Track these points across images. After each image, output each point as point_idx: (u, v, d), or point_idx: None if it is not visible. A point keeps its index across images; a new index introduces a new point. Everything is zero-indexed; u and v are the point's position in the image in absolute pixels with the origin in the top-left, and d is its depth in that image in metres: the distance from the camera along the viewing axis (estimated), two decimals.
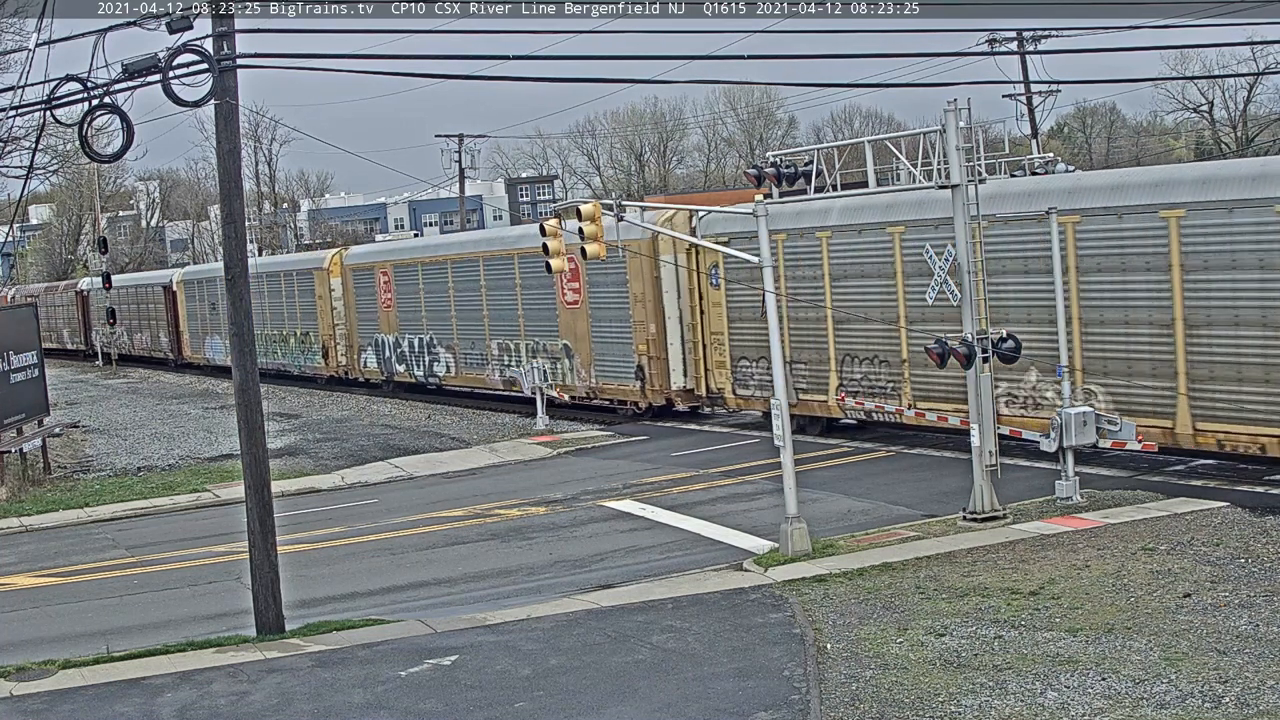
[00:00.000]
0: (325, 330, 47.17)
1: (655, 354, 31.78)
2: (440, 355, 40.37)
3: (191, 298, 60.21)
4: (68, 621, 18.84)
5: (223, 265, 17.72)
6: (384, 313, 43.41)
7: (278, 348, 51.03)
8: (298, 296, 49.21)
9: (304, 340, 49.03)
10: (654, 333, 31.67)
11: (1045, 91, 54.94)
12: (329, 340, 47.02)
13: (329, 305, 46.65)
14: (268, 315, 50.86)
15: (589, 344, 33.81)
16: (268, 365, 48.96)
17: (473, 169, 77.94)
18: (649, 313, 31.70)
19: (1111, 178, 23.72)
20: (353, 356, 45.89)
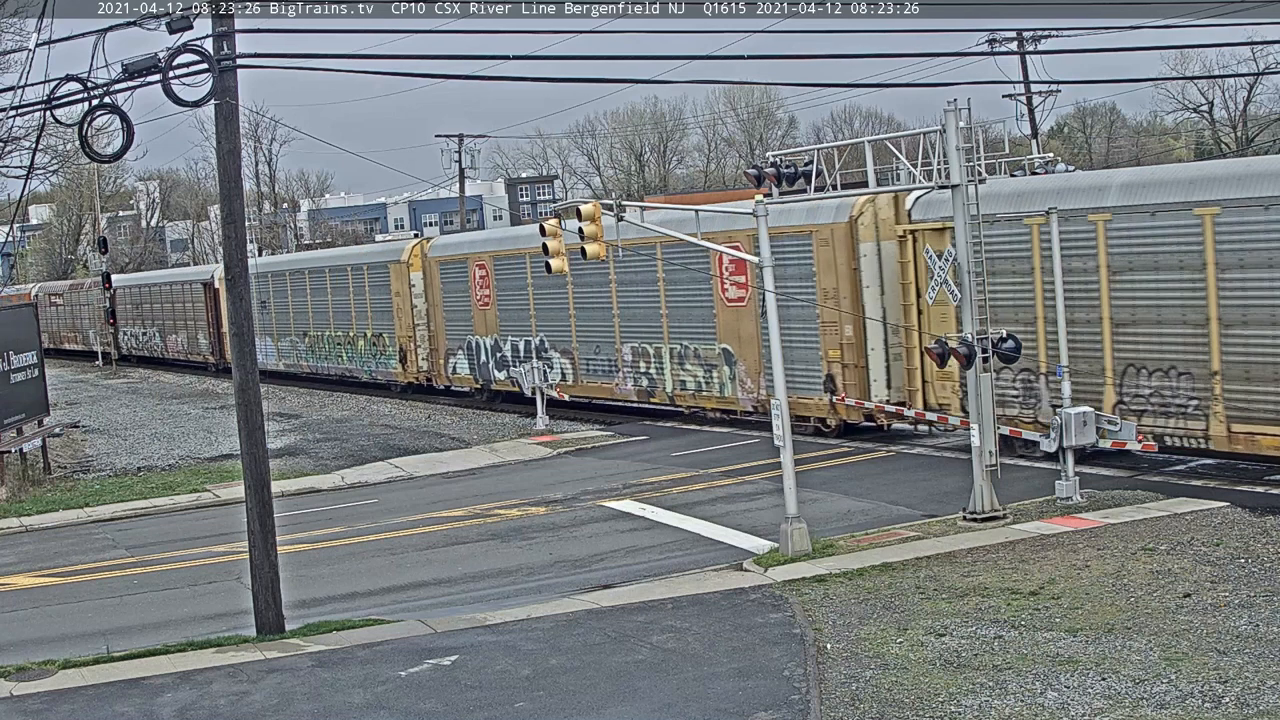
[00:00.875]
0: (403, 331, 41.98)
1: (852, 361, 26.90)
2: (554, 361, 35.47)
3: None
4: (68, 621, 18.84)
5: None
6: (479, 312, 38.41)
7: (342, 351, 46.25)
8: (369, 293, 43.83)
9: (376, 342, 43.85)
10: (850, 336, 26.88)
11: (1045, 91, 54.98)
12: (407, 342, 41.83)
13: (407, 303, 41.55)
14: (331, 314, 46.54)
15: (758, 349, 28.51)
16: (329, 370, 47.20)
17: (473, 169, 77.92)
18: (843, 312, 26.98)
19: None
20: (437, 361, 40.75)
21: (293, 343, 49.88)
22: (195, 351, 60.36)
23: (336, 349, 46.55)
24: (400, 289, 41.80)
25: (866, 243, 26.66)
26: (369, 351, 44.36)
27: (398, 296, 41.97)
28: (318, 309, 47.73)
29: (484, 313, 38.23)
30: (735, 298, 29.51)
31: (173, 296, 62.62)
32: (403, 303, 41.84)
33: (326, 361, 47.20)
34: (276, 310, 50.96)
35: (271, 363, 50.43)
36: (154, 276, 70.76)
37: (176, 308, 62.03)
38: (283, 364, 50.54)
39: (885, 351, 26.76)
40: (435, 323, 40.81)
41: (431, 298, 40.94)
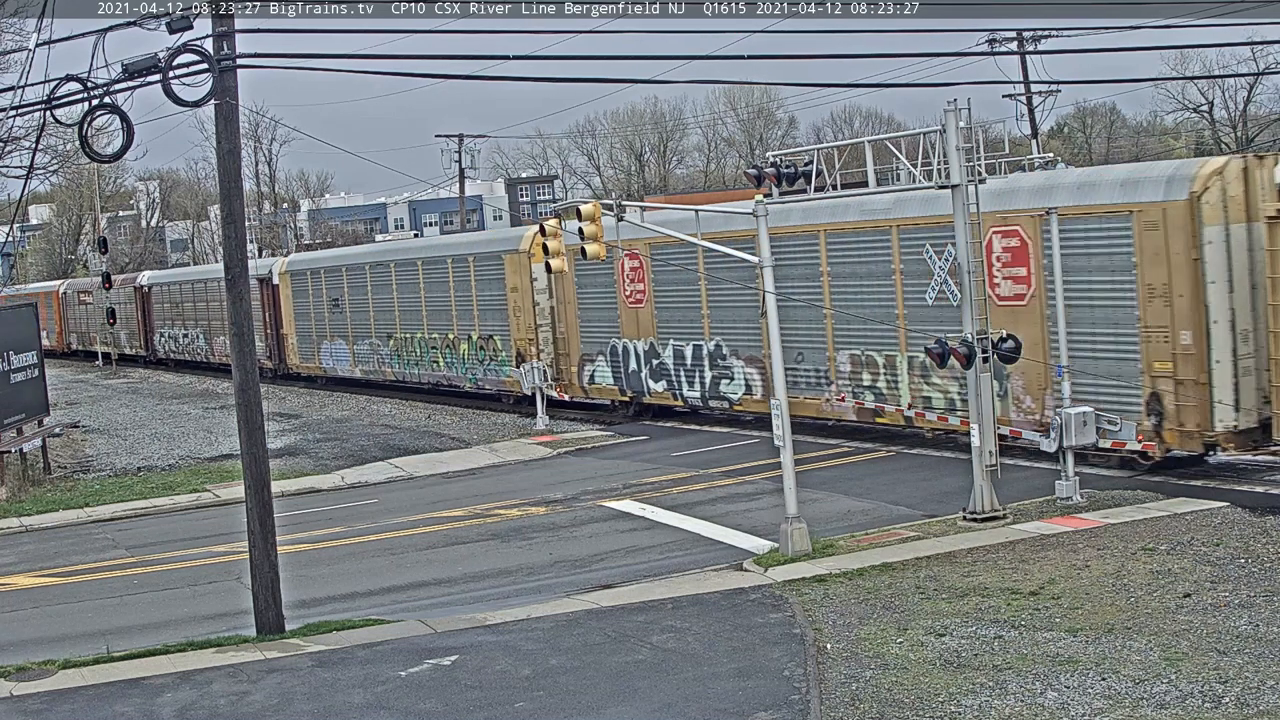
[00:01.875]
0: (521, 333, 36.11)
1: (1188, 375, 21.00)
2: (735, 370, 29.64)
3: (301, 293, 48.86)
4: (68, 621, 18.84)
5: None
6: (629, 310, 32.58)
7: (439, 356, 40.23)
8: (475, 289, 37.83)
9: (484, 346, 37.89)
10: (1187, 344, 20.99)
11: (1045, 91, 55.00)
12: (527, 346, 35.85)
13: (528, 300, 35.72)
14: (424, 313, 40.83)
15: (1044, 358, 22.93)
16: (421, 377, 41.54)
17: (473, 169, 77.93)
18: (1177, 314, 21.09)
19: None
20: (569, 369, 34.93)
21: (373, 346, 44.17)
22: None
23: (431, 353, 40.68)
24: (518, 284, 35.97)
25: (1212, 226, 20.79)
26: (474, 357, 38.39)
27: (514, 293, 36.23)
28: (408, 307, 41.92)
29: (636, 312, 32.39)
30: (1011, 295, 23.46)
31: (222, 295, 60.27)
32: (521, 300, 36.03)
33: (418, 368, 41.49)
34: (353, 309, 45.32)
35: (345, 368, 46.03)
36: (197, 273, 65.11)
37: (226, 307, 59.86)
38: (359, 370, 45.36)
39: (1233, 364, 20.82)
40: (567, 323, 34.93)
41: (562, 294, 35.00)
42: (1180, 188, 21.01)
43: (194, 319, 59.43)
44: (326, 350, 47.32)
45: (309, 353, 48.61)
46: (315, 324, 47.77)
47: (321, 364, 47.70)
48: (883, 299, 25.86)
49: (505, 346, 36.94)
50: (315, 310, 47.71)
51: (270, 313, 51.23)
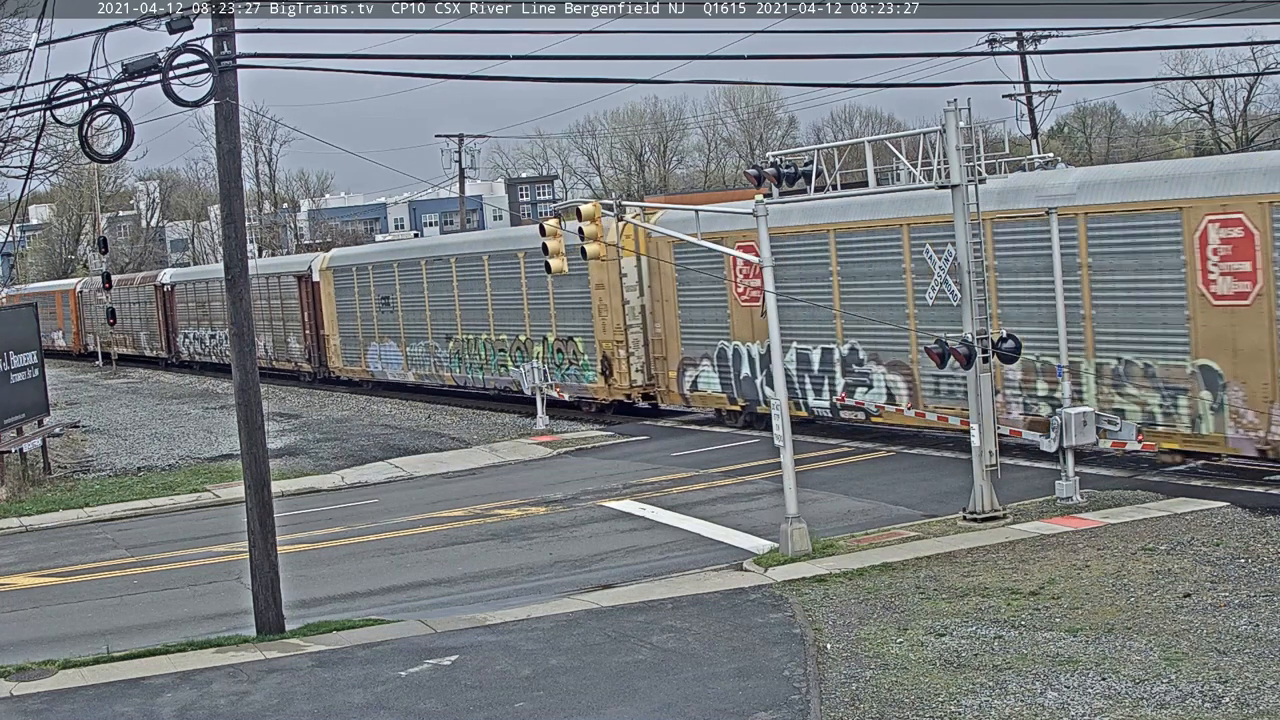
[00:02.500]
0: (607, 334, 32.93)
1: None
2: (874, 376, 26.33)
3: (345, 290, 45.17)
4: (68, 621, 18.84)
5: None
6: (742, 310, 29.28)
7: (507, 359, 36.95)
8: (553, 286, 34.49)
9: (563, 349, 34.63)
10: None
11: (1045, 91, 54.98)
12: (613, 349, 32.70)
13: (615, 298, 32.59)
14: (490, 312, 37.61)
15: (1273, 367, 19.85)
16: (485, 383, 38.30)
17: (473, 169, 77.96)
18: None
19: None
20: (667, 374, 31.62)
21: (429, 349, 40.86)
22: (284, 358, 50.43)
23: (499, 357, 37.26)
24: (605, 280, 32.52)
25: None
26: (551, 360, 35.04)
27: (600, 290, 32.87)
28: (471, 305, 38.51)
29: (750, 312, 28.73)
30: (1229, 293, 20.34)
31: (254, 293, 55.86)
32: (608, 298, 32.70)
33: (482, 372, 38.12)
34: (406, 308, 41.79)
35: (396, 373, 42.55)
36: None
37: (258, 306, 51.10)
38: (413, 374, 41.91)
39: None
40: (664, 324, 31.66)
41: (658, 291, 31.76)
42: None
43: (222, 319, 53.52)
44: (375, 352, 43.85)
45: (354, 355, 45.18)
46: (362, 324, 44.23)
47: (369, 367, 44.38)
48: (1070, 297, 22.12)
49: (588, 349, 33.68)
50: (362, 309, 44.16)
51: (310, 312, 47.70)
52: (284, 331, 50.05)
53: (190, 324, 59.50)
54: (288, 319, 49.82)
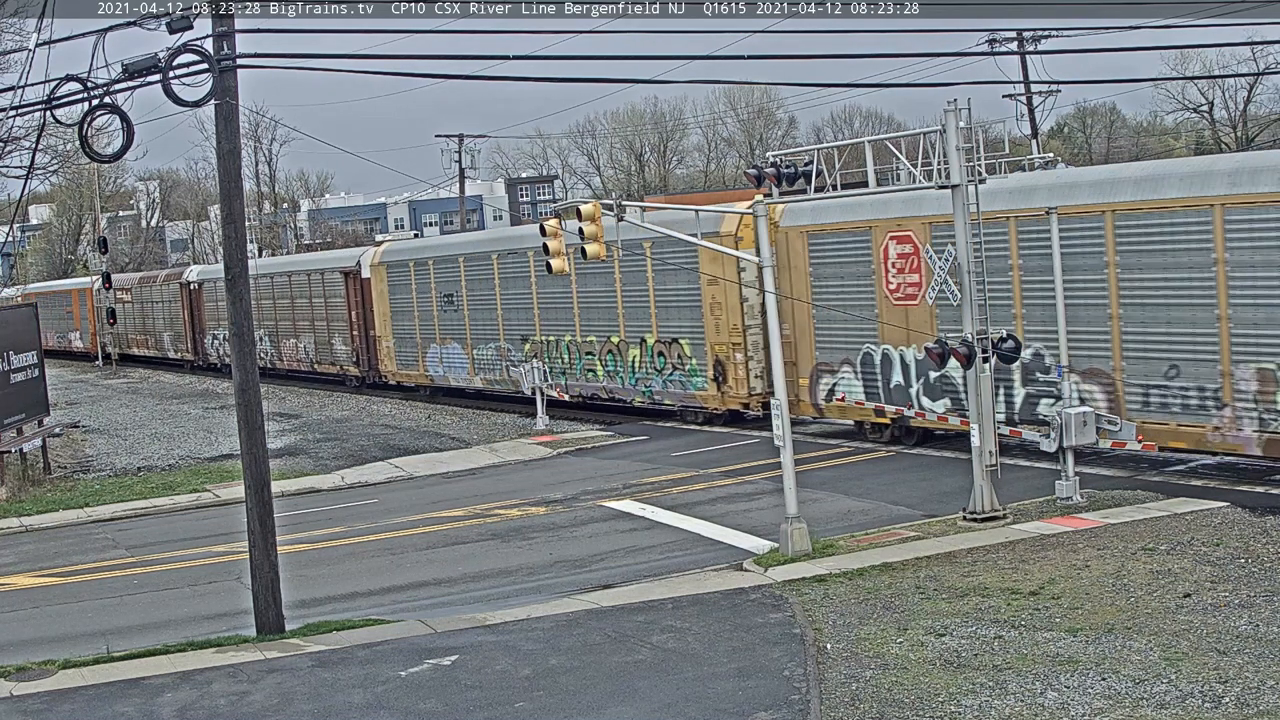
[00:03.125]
0: (720, 336, 29.71)
1: None
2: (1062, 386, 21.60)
3: (402, 287, 41.52)
4: (68, 621, 18.84)
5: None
6: (895, 309, 25.42)
7: (596, 363, 33.72)
8: (653, 282, 31.34)
9: (664, 353, 31.27)
10: None
11: (1045, 91, 55.00)
12: (728, 353, 29.50)
13: (732, 296, 29.31)
14: (576, 312, 34.09)
15: None
16: (569, 389, 34.73)
17: (473, 169, 77.97)
18: None
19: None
20: (796, 380, 27.42)
21: (501, 352, 37.41)
22: (329, 361, 46.67)
23: (586, 360, 34.00)
24: (720, 274, 29.20)
25: None
26: (650, 365, 31.53)
27: (713, 286, 29.57)
28: (553, 304, 35.14)
29: (905, 311, 25.17)
30: None
31: (293, 291, 48.56)
32: (722, 295, 29.39)
33: (564, 377, 34.79)
34: (474, 306, 38.33)
35: (460, 377, 38.94)
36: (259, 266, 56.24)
37: (298, 305, 48.23)
38: (480, 379, 38.45)
39: None
40: (793, 324, 27.69)
41: (787, 288, 27.78)
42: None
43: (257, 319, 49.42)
44: (435, 356, 40.16)
45: (410, 358, 41.43)
46: (420, 324, 40.59)
47: (428, 371, 40.72)
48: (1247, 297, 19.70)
49: (696, 353, 30.32)
50: (421, 308, 40.47)
51: (358, 311, 43.97)
52: (328, 332, 46.29)
53: (221, 325, 54.99)
54: (333, 319, 46.11)
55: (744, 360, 29.26)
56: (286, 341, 49.70)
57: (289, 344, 49.51)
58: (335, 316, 46.06)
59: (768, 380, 28.20)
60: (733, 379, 29.45)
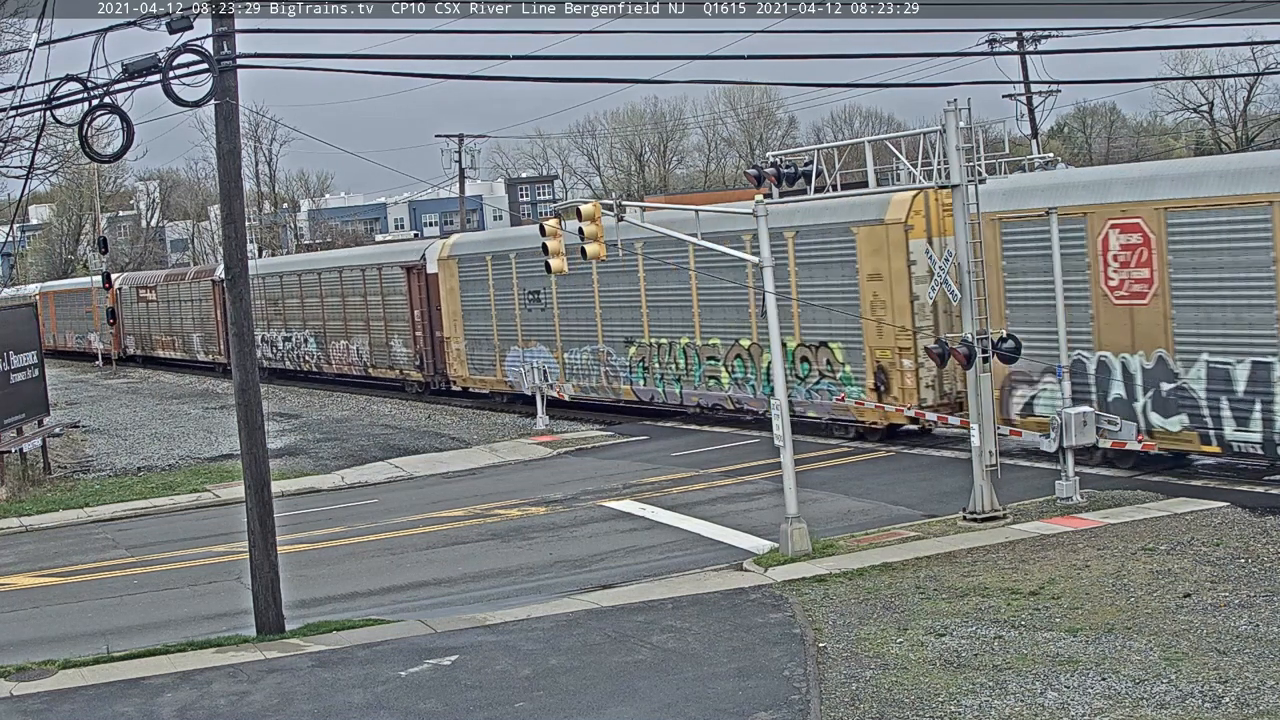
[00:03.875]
0: (882, 340, 25.88)
1: None
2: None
3: (475, 282, 37.51)
4: (68, 621, 18.84)
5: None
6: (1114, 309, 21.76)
7: (722, 370, 29.74)
8: (796, 277, 27.27)
9: (809, 358, 27.49)
10: None
11: (1045, 91, 55.00)
12: (892, 359, 25.73)
13: (900, 292, 25.43)
14: (695, 311, 30.14)
15: None
16: (686, 398, 30.99)
17: (473, 169, 77.94)
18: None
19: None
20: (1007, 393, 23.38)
21: (599, 356, 33.32)
22: (386, 364, 42.89)
23: (708, 366, 30.01)
24: (883, 269, 25.55)
25: None
26: (790, 372, 26.91)
27: (874, 282, 25.77)
28: (666, 302, 31.23)
29: (1130, 311, 21.55)
30: None
31: (344, 288, 44.75)
32: (888, 292, 25.61)
33: (679, 385, 30.84)
34: (565, 305, 34.52)
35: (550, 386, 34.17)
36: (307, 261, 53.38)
37: (350, 303, 44.29)
38: (573, 386, 34.58)
39: None
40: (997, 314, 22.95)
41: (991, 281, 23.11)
42: None
43: (300, 318, 48.04)
44: (515, 359, 36.18)
45: (485, 362, 37.57)
46: (498, 324, 36.75)
47: (506, 377, 36.75)
48: None
49: (851, 358, 26.56)
50: (500, 306, 36.60)
51: (422, 310, 40.08)
52: (385, 333, 42.30)
53: (260, 325, 50.13)
54: (391, 318, 42.05)
55: (914, 368, 25.31)
56: (336, 343, 45.51)
57: (338, 346, 45.28)
58: (395, 316, 42.06)
59: (939, 390, 25.48)
60: (898, 389, 25.57)
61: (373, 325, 43.38)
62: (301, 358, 48.52)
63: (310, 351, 47.44)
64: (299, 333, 48.25)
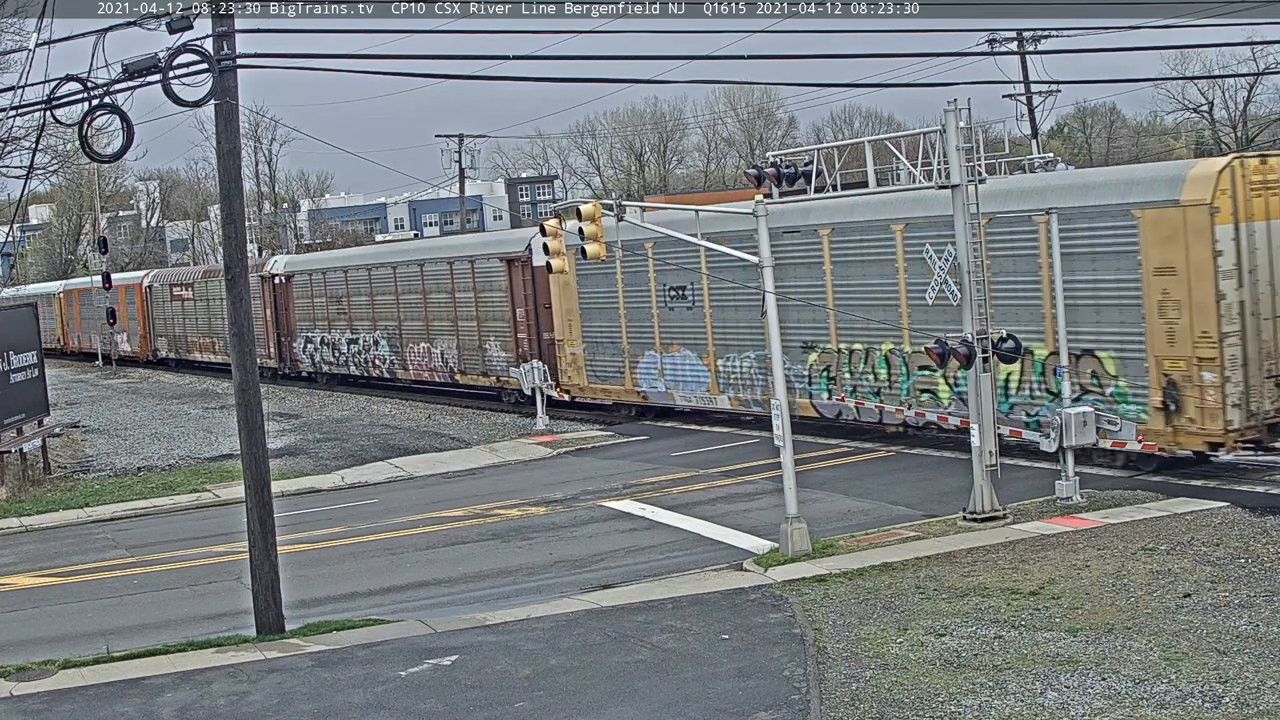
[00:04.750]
0: (1178, 348, 20.93)
1: None
2: None
3: (595, 278, 32.29)
4: (68, 621, 18.84)
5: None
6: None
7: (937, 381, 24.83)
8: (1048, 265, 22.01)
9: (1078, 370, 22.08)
10: None
11: (1045, 91, 55.01)
12: (1189, 371, 20.84)
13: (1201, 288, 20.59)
14: (905, 310, 25.23)
15: None
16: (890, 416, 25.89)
17: (473, 169, 77.93)
18: None
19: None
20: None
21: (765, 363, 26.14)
22: (477, 370, 37.68)
23: (919, 377, 25.22)
24: (1178, 260, 20.84)
25: None
26: (1038, 386, 22.93)
27: (1166, 276, 20.99)
28: (858, 299, 26.18)
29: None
30: None
31: (426, 283, 39.84)
32: (1183, 289, 20.83)
33: (879, 398, 25.97)
34: (718, 303, 29.56)
35: (696, 395, 30.37)
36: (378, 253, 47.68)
37: (434, 301, 39.29)
38: (729, 399, 29.66)
39: None
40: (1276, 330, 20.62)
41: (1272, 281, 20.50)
42: None
43: (370, 318, 43.00)
44: (650, 366, 31.42)
45: (611, 369, 32.62)
46: (629, 324, 31.85)
47: (638, 385, 32.00)
48: None
49: (1127, 369, 21.75)
50: (631, 304, 31.61)
51: (526, 308, 35.18)
52: (478, 335, 37.40)
53: (318, 325, 46.25)
54: (485, 318, 36.97)
55: (1217, 382, 20.45)
56: (415, 346, 40.32)
57: (417, 349, 40.12)
58: (491, 315, 36.83)
59: (1246, 409, 20.57)
60: (1195, 408, 20.74)
61: (462, 326, 38.15)
62: (370, 362, 43.37)
63: (381, 355, 42.23)
64: (368, 334, 43.14)
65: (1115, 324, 21.95)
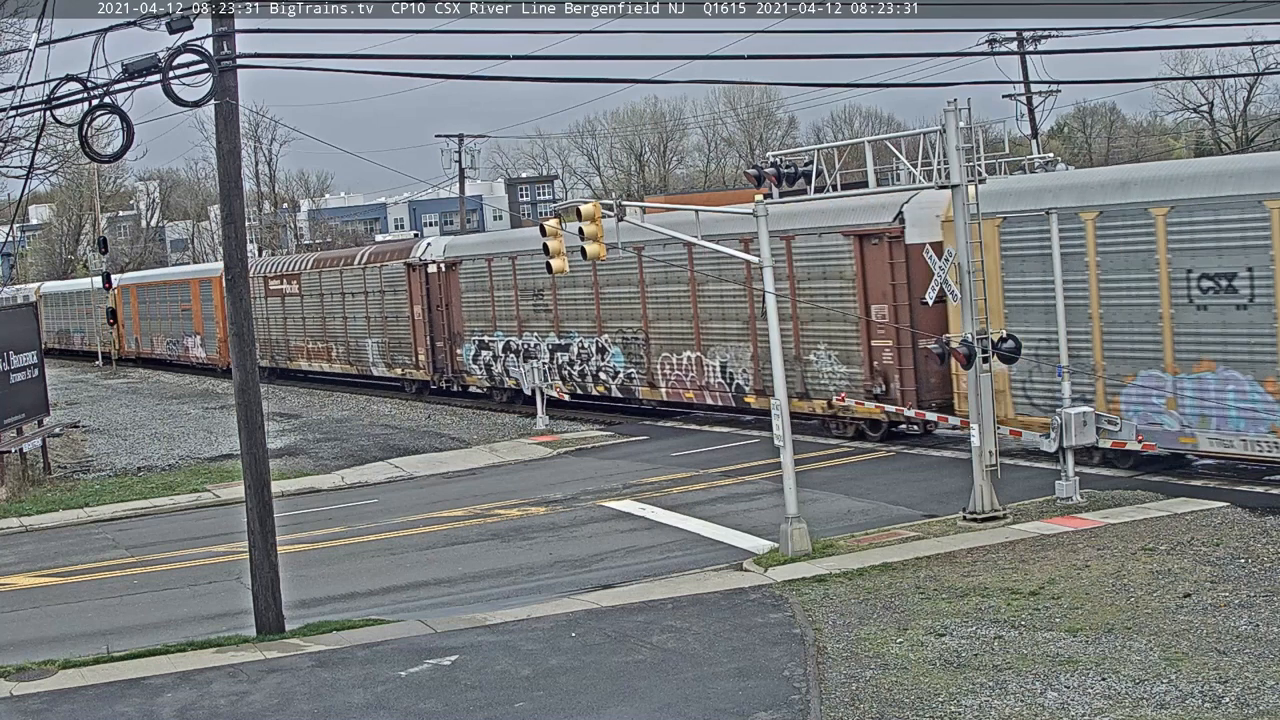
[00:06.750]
0: None
1: None
2: None
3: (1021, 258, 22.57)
4: (68, 621, 18.84)
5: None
6: None
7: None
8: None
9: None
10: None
11: (1045, 91, 55.02)
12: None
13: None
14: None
15: None
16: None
17: (473, 169, 77.95)
18: None
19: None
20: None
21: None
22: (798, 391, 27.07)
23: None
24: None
25: None
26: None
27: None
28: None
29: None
30: None
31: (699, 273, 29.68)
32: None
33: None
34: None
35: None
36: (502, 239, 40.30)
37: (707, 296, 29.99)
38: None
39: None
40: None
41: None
42: None
43: (573, 317, 34.23)
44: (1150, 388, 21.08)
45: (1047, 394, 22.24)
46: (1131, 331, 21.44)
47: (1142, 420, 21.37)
48: None
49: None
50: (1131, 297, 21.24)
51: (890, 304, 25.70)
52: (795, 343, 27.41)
53: (500, 326, 37.12)
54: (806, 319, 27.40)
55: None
56: (667, 357, 31.41)
57: (673, 361, 31.23)
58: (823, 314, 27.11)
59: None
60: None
61: (759, 331, 27.67)
62: (593, 375, 33.89)
63: (612, 366, 33.13)
64: (575, 340, 34.24)
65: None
